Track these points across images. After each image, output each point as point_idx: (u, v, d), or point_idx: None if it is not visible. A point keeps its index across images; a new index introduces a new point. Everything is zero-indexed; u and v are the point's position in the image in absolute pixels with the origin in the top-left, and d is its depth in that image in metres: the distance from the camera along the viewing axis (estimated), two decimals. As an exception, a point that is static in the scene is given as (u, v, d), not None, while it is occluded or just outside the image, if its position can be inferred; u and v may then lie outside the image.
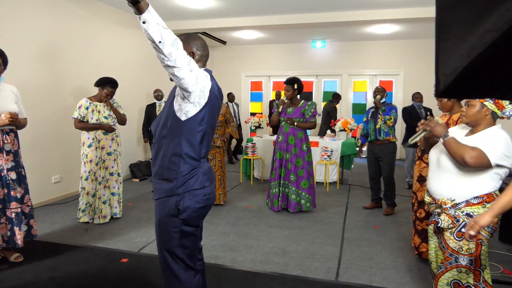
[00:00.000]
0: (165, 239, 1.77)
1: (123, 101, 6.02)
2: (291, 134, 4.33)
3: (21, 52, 4.35)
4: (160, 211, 1.77)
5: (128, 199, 4.97)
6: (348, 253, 3.29)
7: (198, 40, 1.80)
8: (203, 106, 1.68)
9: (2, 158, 2.82)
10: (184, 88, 1.59)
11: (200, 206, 1.76)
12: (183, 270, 1.79)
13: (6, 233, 2.87)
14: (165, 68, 1.52)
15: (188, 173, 1.72)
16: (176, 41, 1.47)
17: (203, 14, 6.39)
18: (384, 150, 4.28)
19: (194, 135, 1.70)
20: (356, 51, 8.87)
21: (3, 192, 2.84)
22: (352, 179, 6.41)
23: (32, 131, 4.50)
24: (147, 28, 1.38)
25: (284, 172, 4.36)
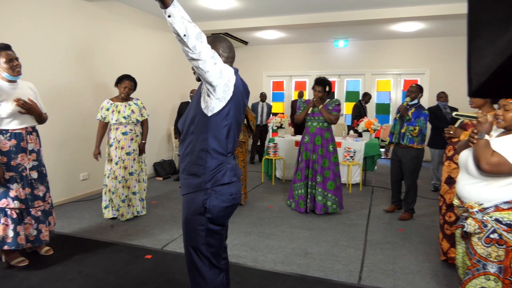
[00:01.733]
0: (191, 236, 1.80)
1: (150, 101, 6.15)
2: (318, 135, 4.29)
3: (52, 55, 4.51)
4: (188, 209, 1.79)
5: (152, 197, 5.07)
6: (371, 256, 3.23)
7: (224, 42, 1.83)
8: (228, 101, 1.70)
9: (25, 158, 2.87)
10: (209, 82, 1.61)
11: (227, 205, 1.78)
12: (207, 268, 1.81)
13: (31, 233, 2.93)
14: (190, 61, 1.55)
15: (215, 168, 1.74)
16: (200, 35, 1.49)
17: (225, 15, 6.44)
18: (406, 154, 4.12)
19: (220, 130, 1.73)
20: (379, 49, 8.71)
21: (26, 191, 2.88)
22: (376, 180, 6.30)
23: (62, 130, 4.66)
24: (172, 21, 1.41)
25: (311, 173, 4.32)
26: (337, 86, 9.28)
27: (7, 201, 2.79)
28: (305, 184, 4.38)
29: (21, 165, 2.85)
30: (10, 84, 2.82)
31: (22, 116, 2.84)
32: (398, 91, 8.83)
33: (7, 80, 2.81)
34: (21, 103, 2.77)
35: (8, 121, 2.78)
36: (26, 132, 2.88)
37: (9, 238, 2.81)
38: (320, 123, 4.29)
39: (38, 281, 2.71)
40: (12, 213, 2.82)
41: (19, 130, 2.83)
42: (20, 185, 2.84)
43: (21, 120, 2.84)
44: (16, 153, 2.82)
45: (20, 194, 2.84)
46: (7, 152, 2.78)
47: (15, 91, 2.83)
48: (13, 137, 2.80)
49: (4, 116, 2.74)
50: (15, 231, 2.81)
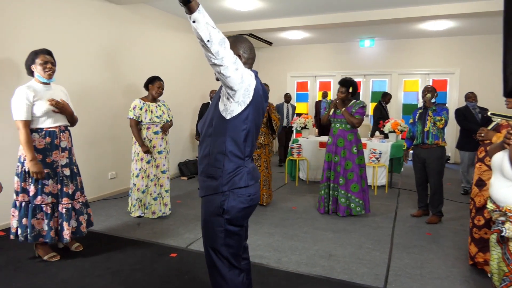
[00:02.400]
0: (210, 237, 1.82)
1: (174, 102, 6.26)
2: (340, 136, 4.24)
3: (83, 57, 4.67)
4: (206, 210, 1.81)
5: (177, 196, 5.15)
6: (398, 260, 3.16)
7: (245, 43, 1.83)
8: (248, 105, 1.71)
9: (58, 155, 3.00)
10: (229, 87, 1.62)
11: (245, 206, 1.79)
12: (227, 269, 1.83)
13: (57, 228, 3.05)
14: (212, 67, 1.56)
15: (232, 171, 1.75)
16: (223, 40, 1.50)
17: (250, 15, 6.46)
18: (431, 155, 4.01)
19: (238, 134, 1.73)
20: (407, 49, 8.51)
21: (58, 187, 3.01)
22: (402, 182, 6.16)
23: (91, 130, 4.81)
24: (196, 27, 1.43)
25: (333, 175, 4.28)
26: (363, 86, 9.13)
27: (42, 197, 2.93)
28: (327, 185, 4.35)
29: (55, 162, 2.99)
30: (44, 86, 2.97)
31: (56, 115, 2.97)
32: (426, 91, 8.58)
33: (40, 82, 2.95)
34: (54, 103, 2.91)
35: (42, 120, 2.91)
36: (60, 130, 3.01)
37: (44, 231, 2.95)
38: (343, 124, 4.24)
39: (68, 276, 2.81)
40: (47, 209, 2.95)
41: (53, 129, 2.97)
42: (54, 181, 2.98)
43: (55, 119, 2.97)
44: (50, 151, 2.95)
45: (53, 190, 2.98)
46: (42, 150, 2.92)
47: (48, 92, 2.97)
48: (48, 135, 2.94)
49: (39, 115, 2.88)
50: (48, 226, 2.96)
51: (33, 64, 2.91)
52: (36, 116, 2.88)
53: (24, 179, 2.91)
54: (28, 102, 2.82)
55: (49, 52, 2.98)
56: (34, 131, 2.90)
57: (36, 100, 2.86)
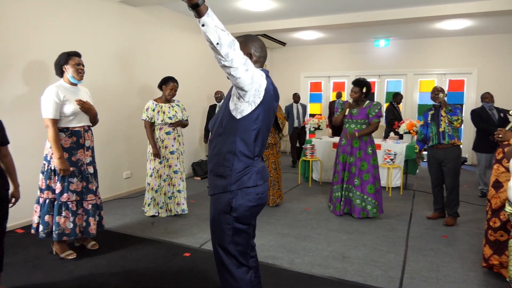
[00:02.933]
0: (218, 235, 1.83)
1: (188, 102, 6.30)
2: (356, 137, 4.22)
3: (100, 58, 4.75)
4: (214, 208, 1.83)
5: (190, 196, 5.19)
6: (413, 263, 3.12)
7: (256, 42, 1.83)
8: (258, 105, 1.71)
9: (83, 154, 3.11)
10: (240, 87, 1.63)
11: (253, 205, 1.80)
12: (235, 267, 1.84)
13: (82, 224, 3.14)
14: (222, 68, 1.57)
15: (241, 171, 1.76)
16: (233, 42, 1.51)
17: (263, 16, 6.47)
18: (448, 155, 3.95)
19: (248, 133, 1.74)
20: (422, 49, 8.39)
21: (82, 185, 3.12)
22: (417, 184, 6.07)
23: (107, 130, 4.89)
24: (205, 30, 1.44)
25: (347, 176, 4.24)
26: (377, 87, 9.03)
27: (68, 195, 3.02)
28: (342, 187, 4.32)
29: (80, 160, 3.09)
30: (72, 87, 3.08)
31: (80, 115, 3.07)
32: (442, 92, 8.44)
33: (70, 82, 3.06)
34: (81, 103, 3.02)
35: (69, 120, 3.01)
36: (84, 130, 3.11)
37: (68, 230, 3.04)
38: (358, 125, 4.20)
39: (85, 273, 2.86)
40: (73, 206, 3.05)
41: (78, 128, 3.07)
42: (78, 179, 3.08)
43: (79, 119, 3.07)
44: (76, 150, 3.06)
45: (77, 187, 3.07)
46: (68, 149, 3.02)
47: (75, 93, 3.09)
48: (73, 135, 3.04)
49: (67, 115, 2.98)
50: (74, 223, 3.06)
51: (66, 65, 3.02)
52: (65, 116, 2.98)
53: (49, 176, 3.01)
54: (58, 101, 2.92)
55: (80, 54, 3.11)
56: (61, 130, 3.00)
57: (65, 100, 2.97)
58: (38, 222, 3.04)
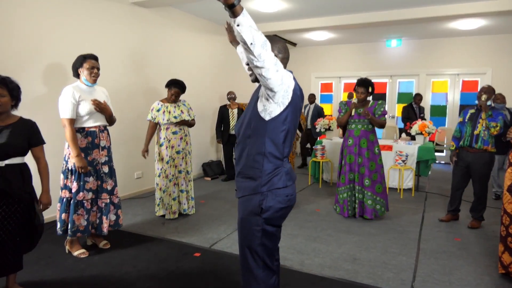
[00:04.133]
0: (247, 237, 1.82)
1: (198, 103, 6.34)
2: (363, 137, 4.18)
3: (112, 59, 4.80)
4: (244, 209, 1.82)
5: (201, 196, 5.21)
6: (425, 266, 3.08)
7: (279, 43, 1.84)
8: (287, 106, 1.71)
9: (98, 154, 3.16)
10: (270, 88, 1.63)
11: (283, 207, 1.79)
12: (261, 270, 1.82)
13: (96, 221, 3.21)
14: (253, 69, 1.57)
15: (271, 172, 1.76)
16: (265, 43, 1.51)
17: (274, 17, 6.47)
18: (478, 160, 3.78)
19: (277, 135, 1.74)
20: (436, 48, 8.28)
21: (97, 183, 3.17)
22: (429, 186, 5.99)
23: (119, 130, 4.94)
24: (240, 30, 1.43)
25: (358, 177, 4.21)
26: (389, 87, 8.95)
27: (84, 194, 3.08)
28: (350, 188, 4.29)
29: (96, 160, 3.14)
30: (87, 88, 3.14)
31: (96, 115, 3.12)
32: (456, 92, 8.33)
33: (85, 85, 3.11)
34: (96, 103, 3.06)
35: (84, 120, 3.06)
36: (99, 130, 3.16)
37: (82, 226, 3.11)
38: (365, 125, 4.19)
39: (96, 272, 2.90)
40: (88, 204, 3.12)
41: (93, 128, 3.12)
42: (94, 178, 3.14)
43: (95, 119, 3.12)
44: (91, 149, 3.11)
45: (93, 186, 3.14)
46: (84, 149, 3.08)
47: (91, 93, 3.14)
48: (89, 135, 3.10)
49: (82, 115, 3.03)
50: (88, 220, 3.12)
51: (80, 68, 3.07)
52: (80, 116, 3.04)
53: (66, 176, 3.09)
54: (74, 101, 2.98)
55: (96, 57, 3.15)
56: (77, 130, 3.05)
57: (81, 100, 3.02)
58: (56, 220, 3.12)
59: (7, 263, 2.35)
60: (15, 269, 2.44)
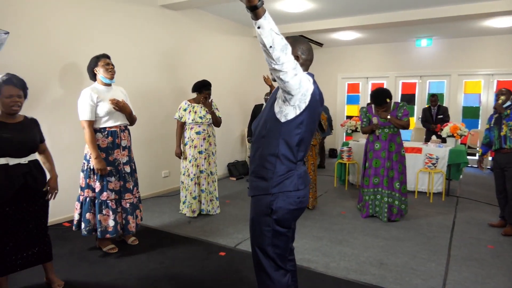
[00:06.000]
0: (258, 237, 1.84)
1: (224, 104, 6.40)
2: (391, 141, 4.16)
3: (140, 60, 4.93)
4: (255, 209, 1.84)
5: (226, 196, 5.26)
6: (456, 273, 2.97)
7: (304, 45, 1.83)
8: (303, 110, 1.70)
9: (120, 153, 3.21)
10: (287, 91, 1.63)
11: (293, 208, 1.79)
12: (273, 269, 1.83)
13: (122, 222, 3.25)
14: (271, 71, 1.57)
15: (283, 174, 1.76)
16: (285, 47, 1.50)
17: (300, 17, 6.43)
18: (510, 159, 3.74)
19: (292, 138, 1.73)
20: (468, 48, 7.98)
21: (120, 184, 3.22)
22: (461, 190, 5.78)
23: (147, 130, 5.06)
24: (261, 33, 1.44)
25: (386, 182, 4.18)
26: (418, 88, 8.71)
27: (107, 194, 3.14)
28: (373, 192, 4.28)
29: (117, 160, 3.19)
30: (106, 87, 3.19)
31: (116, 115, 3.16)
32: (490, 93, 7.99)
33: (103, 83, 3.17)
34: (115, 102, 3.11)
35: (105, 120, 3.12)
36: (120, 130, 3.21)
37: (110, 227, 3.16)
38: (391, 129, 4.17)
39: (125, 267, 2.98)
40: (112, 204, 3.17)
41: (114, 128, 3.17)
42: (116, 178, 3.18)
43: (115, 119, 3.17)
44: (112, 149, 3.16)
45: (115, 186, 3.18)
46: (105, 149, 3.13)
47: (109, 93, 3.18)
48: (110, 135, 3.15)
49: (101, 115, 3.09)
50: (115, 220, 3.17)
51: (95, 67, 3.14)
52: (99, 116, 3.09)
53: (89, 175, 3.14)
54: (92, 103, 3.04)
55: (109, 56, 3.22)
56: (98, 130, 3.12)
57: (99, 101, 3.08)
58: (79, 220, 3.18)
59: (40, 252, 2.52)
60: (47, 259, 2.58)
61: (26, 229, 2.43)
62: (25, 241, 2.43)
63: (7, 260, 2.37)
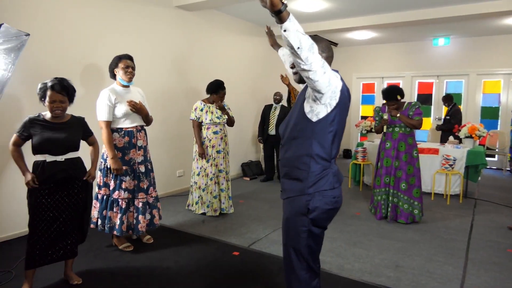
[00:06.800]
0: (292, 237, 1.81)
1: (238, 103, 6.42)
2: (401, 140, 4.10)
3: (156, 60, 4.98)
4: (290, 210, 1.82)
5: (239, 196, 5.27)
6: (474, 277, 2.91)
7: (323, 42, 1.83)
8: (334, 107, 1.69)
9: (135, 153, 3.25)
10: (317, 90, 1.62)
11: (329, 208, 1.77)
12: (304, 271, 1.82)
13: (133, 221, 3.28)
14: (300, 72, 1.57)
15: (319, 173, 1.75)
16: (312, 46, 1.50)
17: (315, 16, 6.40)
18: None
19: (325, 136, 1.72)
20: (487, 47, 7.80)
21: (134, 183, 3.25)
22: (479, 192, 5.66)
23: (162, 129, 5.12)
24: (287, 35, 1.44)
25: (393, 181, 4.13)
26: (435, 88, 8.56)
27: (119, 192, 3.19)
28: (385, 191, 4.22)
29: (133, 160, 3.24)
30: (124, 89, 3.23)
31: (133, 116, 3.21)
32: (509, 93, 7.80)
33: (121, 85, 3.21)
34: (132, 104, 3.14)
35: (122, 121, 3.17)
36: (136, 130, 3.26)
37: (117, 225, 3.21)
38: (402, 128, 4.10)
39: (140, 265, 3.02)
40: (122, 203, 3.20)
41: (131, 129, 3.22)
42: (131, 177, 3.22)
43: (132, 119, 3.22)
44: (128, 149, 3.21)
45: (129, 185, 3.22)
46: (122, 148, 3.19)
47: (127, 94, 3.23)
48: (126, 135, 3.20)
49: (119, 116, 3.14)
50: (120, 220, 3.20)
51: (116, 68, 3.19)
52: (117, 117, 3.14)
53: (106, 174, 3.19)
54: (110, 103, 3.09)
55: (131, 57, 3.25)
56: (115, 131, 3.16)
57: (117, 102, 3.12)
58: (98, 217, 3.24)
59: (67, 248, 2.61)
60: (72, 255, 2.66)
61: (62, 223, 2.54)
62: (59, 234, 2.53)
63: (38, 254, 2.47)
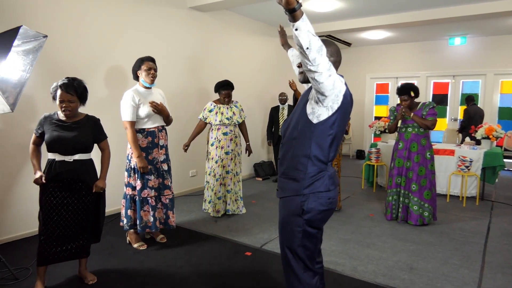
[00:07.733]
0: (288, 237, 1.84)
1: (251, 104, 6.43)
2: (414, 141, 4.03)
3: (171, 61, 5.03)
4: (285, 210, 1.84)
5: (252, 196, 5.27)
6: (491, 280, 2.85)
7: (332, 46, 1.83)
8: (336, 111, 1.70)
9: (158, 152, 3.32)
10: (321, 92, 1.63)
11: (324, 209, 1.78)
12: (302, 270, 1.84)
13: (162, 217, 3.39)
14: (306, 72, 1.58)
15: (315, 175, 1.76)
16: (321, 48, 1.51)
17: (328, 16, 6.37)
18: None
19: (324, 138, 1.73)
20: (505, 46, 7.63)
21: (159, 181, 3.33)
22: (496, 194, 5.54)
23: (176, 130, 5.15)
24: (298, 34, 1.45)
25: (404, 182, 4.08)
26: (451, 88, 8.42)
27: (148, 191, 3.27)
28: (396, 192, 4.17)
29: (156, 159, 3.31)
30: (146, 90, 3.31)
31: (154, 116, 3.28)
32: (528, 93, 7.62)
33: (144, 86, 3.29)
34: (154, 105, 3.20)
35: (144, 121, 3.25)
36: (158, 130, 3.33)
37: (149, 223, 3.30)
38: (415, 128, 4.02)
39: (153, 264, 3.05)
40: (152, 201, 3.29)
41: (153, 129, 3.29)
42: (155, 176, 3.30)
43: (154, 120, 3.29)
44: (151, 149, 3.29)
45: (155, 184, 3.30)
46: (145, 148, 3.26)
47: (149, 96, 3.30)
48: (149, 135, 3.28)
49: (142, 117, 3.22)
50: (154, 217, 3.30)
51: (139, 70, 3.25)
52: (140, 118, 3.22)
53: (130, 174, 3.29)
54: (134, 104, 3.17)
55: (153, 59, 3.32)
56: (138, 131, 3.24)
57: (140, 103, 3.20)
58: (124, 216, 3.33)
59: (79, 247, 2.64)
60: (85, 254, 2.70)
61: (71, 223, 2.56)
62: (68, 234, 2.56)
63: (49, 251, 2.51)
